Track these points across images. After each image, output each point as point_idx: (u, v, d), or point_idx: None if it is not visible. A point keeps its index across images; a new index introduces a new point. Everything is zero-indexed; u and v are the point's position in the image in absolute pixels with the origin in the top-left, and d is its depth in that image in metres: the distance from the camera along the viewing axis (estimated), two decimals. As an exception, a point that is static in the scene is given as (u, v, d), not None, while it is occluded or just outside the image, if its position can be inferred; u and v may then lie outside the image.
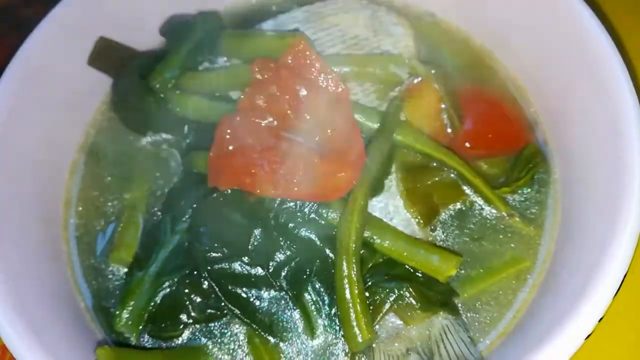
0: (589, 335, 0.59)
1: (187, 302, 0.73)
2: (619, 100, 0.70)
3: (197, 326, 0.74)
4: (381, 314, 0.70)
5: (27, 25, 0.81)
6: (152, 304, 0.73)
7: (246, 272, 0.73)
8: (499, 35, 0.88)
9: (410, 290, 0.70)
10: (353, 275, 0.68)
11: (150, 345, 0.74)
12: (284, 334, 0.73)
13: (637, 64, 0.84)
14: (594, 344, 0.63)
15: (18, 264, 0.71)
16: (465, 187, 0.79)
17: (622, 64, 0.71)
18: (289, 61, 0.76)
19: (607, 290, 0.60)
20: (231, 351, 0.73)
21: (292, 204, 0.72)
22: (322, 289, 0.73)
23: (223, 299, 0.72)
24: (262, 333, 0.73)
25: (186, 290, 0.73)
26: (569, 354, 0.58)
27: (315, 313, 0.73)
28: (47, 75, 0.82)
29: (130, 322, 0.72)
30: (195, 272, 0.73)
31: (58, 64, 0.83)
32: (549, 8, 0.79)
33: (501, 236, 0.78)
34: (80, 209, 0.84)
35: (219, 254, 0.73)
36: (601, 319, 0.60)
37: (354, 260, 0.68)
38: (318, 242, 0.72)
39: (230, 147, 0.74)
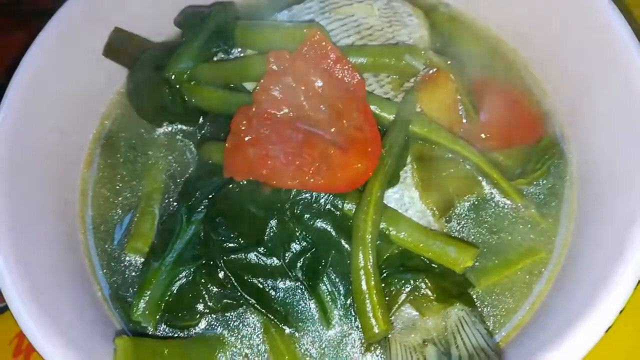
0: (609, 328, 0.59)
1: (204, 292, 0.73)
2: (636, 90, 0.69)
3: (214, 316, 0.75)
4: (397, 305, 0.70)
5: (43, 16, 0.82)
6: (169, 293, 0.74)
7: (262, 263, 0.73)
8: (515, 25, 0.88)
9: (426, 281, 0.70)
10: (369, 266, 0.68)
11: (167, 335, 0.74)
12: (300, 324, 0.74)
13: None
14: (614, 337, 0.63)
15: (36, 254, 0.72)
16: (481, 179, 0.79)
17: (640, 53, 0.71)
18: (305, 52, 0.75)
19: (626, 281, 0.60)
20: (247, 341, 0.74)
21: (307, 195, 0.73)
22: (337, 280, 0.73)
23: (239, 288, 0.72)
24: (278, 323, 0.73)
25: (202, 280, 0.73)
26: (589, 347, 0.58)
27: (330, 303, 0.73)
28: (63, 66, 0.82)
29: (147, 312, 0.72)
30: (211, 262, 0.73)
31: (74, 55, 0.83)
32: (566, -2, 0.79)
33: (517, 228, 0.77)
34: (97, 199, 0.85)
35: (235, 244, 0.73)
36: (622, 310, 0.59)
37: (370, 251, 0.68)
38: (334, 233, 0.73)
39: (246, 138, 0.74)
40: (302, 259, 0.73)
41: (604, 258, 0.64)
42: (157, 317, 0.73)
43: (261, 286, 0.74)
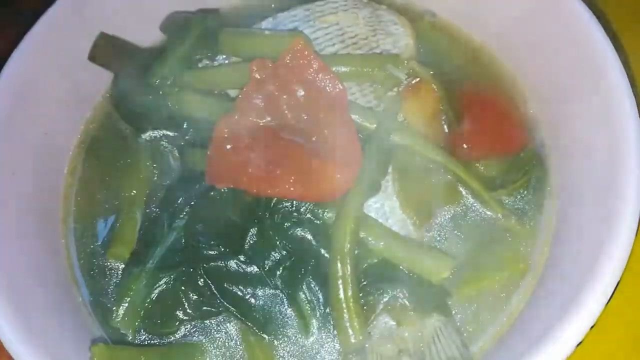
0: (580, 343, 0.59)
1: (183, 299, 0.73)
2: (616, 103, 0.70)
3: (193, 323, 0.75)
4: (374, 315, 0.70)
5: (28, 19, 0.82)
6: (149, 300, 0.74)
7: (242, 270, 0.73)
8: (500, 36, 0.88)
9: (404, 291, 0.70)
10: (347, 276, 0.68)
11: (146, 342, 0.74)
12: (278, 332, 0.74)
13: (636, 66, 0.84)
14: (585, 352, 0.63)
15: (15, 257, 0.72)
16: (461, 189, 0.79)
17: (621, 67, 0.71)
18: (287, 61, 0.75)
19: (599, 297, 0.60)
20: (226, 348, 0.74)
21: (288, 203, 0.73)
22: (317, 288, 0.73)
23: (218, 296, 0.73)
24: (257, 331, 0.73)
25: (182, 287, 0.73)
26: (560, 360, 0.59)
27: (309, 312, 0.73)
28: (48, 70, 0.82)
29: (126, 318, 0.72)
30: (191, 270, 0.73)
31: (59, 59, 0.83)
32: (549, 9, 0.79)
33: (496, 238, 0.77)
34: (79, 203, 0.85)
35: (215, 252, 0.73)
36: (593, 326, 0.60)
37: (348, 261, 0.69)
38: (313, 242, 0.73)
39: (228, 146, 0.74)
40: (281, 268, 0.73)
41: (579, 271, 0.64)
42: (136, 323, 0.73)
43: (241, 294, 0.74)
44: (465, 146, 0.81)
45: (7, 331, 0.64)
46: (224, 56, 0.84)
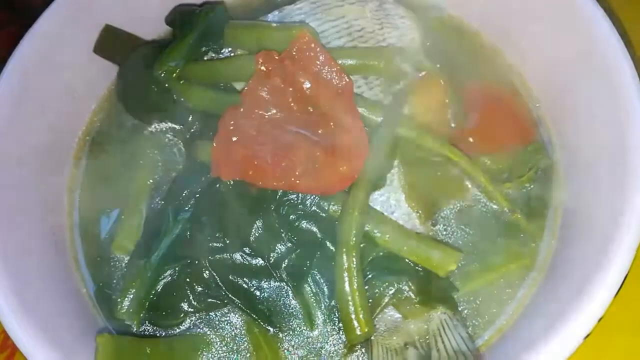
0: (587, 335, 0.59)
1: (188, 291, 0.74)
2: (625, 99, 0.70)
3: (198, 315, 0.75)
4: (380, 307, 0.70)
5: (33, 13, 0.82)
6: (153, 292, 0.74)
7: (247, 263, 0.74)
8: (506, 30, 0.88)
9: (410, 284, 0.70)
10: (353, 268, 0.68)
11: (150, 333, 0.75)
12: (283, 324, 0.74)
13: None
14: (593, 344, 0.63)
15: (21, 250, 0.72)
16: (467, 183, 0.79)
17: (630, 62, 0.71)
18: (294, 53, 0.75)
19: (607, 290, 0.60)
20: (230, 340, 0.74)
21: (293, 196, 0.73)
22: (322, 281, 0.73)
23: (223, 288, 0.73)
24: (262, 323, 0.73)
25: (187, 280, 0.74)
26: (567, 353, 0.58)
27: (314, 304, 0.73)
28: (53, 62, 0.82)
29: (131, 310, 0.73)
30: (196, 262, 0.73)
31: (64, 52, 0.83)
32: (557, 5, 0.79)
33: (502, 232, 0.77)
34: (84, 196, 0.85)
35: (221, 244, 0.73)
36: (600, 318, 0.59)
37: (354, 254, 0.69)
38: (319, 235, 0.73)
39: (234, 139, 0.74)
40: (286, 260, 0.73)
41: (587, 264, 0.64)
42: (141, 315, 0.73)
43: (246, 286, 0.74)
44: (471, 140, 0.81)
45: (13, 323, 0.65)
46: (230, 49, 0.84)
